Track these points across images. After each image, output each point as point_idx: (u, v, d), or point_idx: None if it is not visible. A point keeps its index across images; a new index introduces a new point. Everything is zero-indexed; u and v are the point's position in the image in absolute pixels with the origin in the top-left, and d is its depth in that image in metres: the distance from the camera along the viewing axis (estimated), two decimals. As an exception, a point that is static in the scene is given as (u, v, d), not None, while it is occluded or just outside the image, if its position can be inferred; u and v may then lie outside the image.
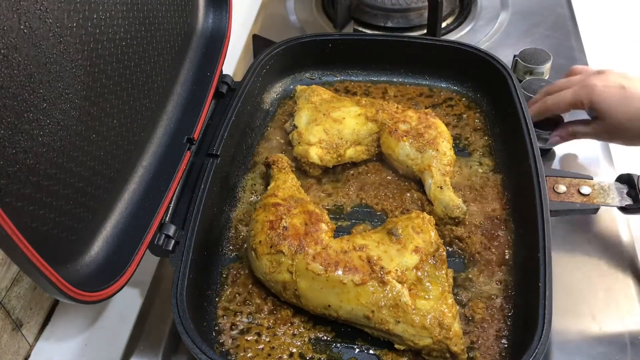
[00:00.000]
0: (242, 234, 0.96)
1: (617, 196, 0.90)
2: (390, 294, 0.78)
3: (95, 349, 0.91)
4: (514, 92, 1.02)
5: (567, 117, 1.06)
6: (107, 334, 0.92)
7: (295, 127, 1.04)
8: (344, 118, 1.03)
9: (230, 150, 1.02)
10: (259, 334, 0.83)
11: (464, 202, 0.95)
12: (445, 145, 0.98)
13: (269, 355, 0.81)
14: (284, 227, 0.85)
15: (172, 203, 0.89)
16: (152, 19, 0.90)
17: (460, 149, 1.06)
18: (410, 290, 0.79)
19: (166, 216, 0.88)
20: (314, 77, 1.21)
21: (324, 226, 0.86)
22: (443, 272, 0.82)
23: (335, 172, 1.04)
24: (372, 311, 0.78)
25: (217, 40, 1.08)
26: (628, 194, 0.90)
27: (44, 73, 0.68)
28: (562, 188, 0.90)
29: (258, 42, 1.30)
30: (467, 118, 1.11)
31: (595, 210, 0.90)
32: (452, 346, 0.76)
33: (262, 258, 0.84)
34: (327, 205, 0.99)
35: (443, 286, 0.80)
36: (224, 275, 0.90)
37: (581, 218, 0.93)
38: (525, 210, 0.89)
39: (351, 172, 1.04)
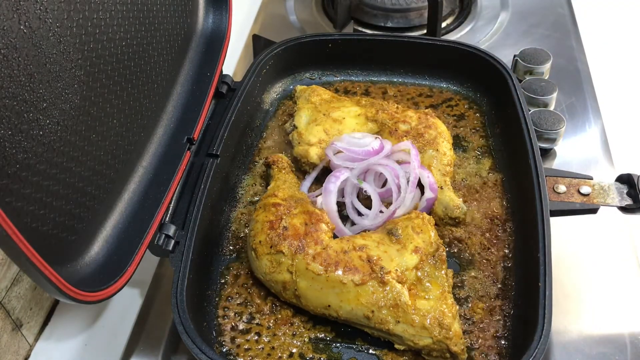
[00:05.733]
0: (242, 234, 0.96)
1: (617, 196, 0.90)
2: (390, 294, 0.78)
3: (95, 349, 0.91)
4: (514, 92, 1.02)
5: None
6: (107, 334, 0.92)
7: (295, 127, 1.04)
8: (344, 118, 1.03)
9: (230, 150, 1.02)
10: (259, 334, 0.83)
11: (464, 202, 0.95)
12: (445, 146, 0.98)
13: (269, 355, 0.81)
14: (284, 227, 0.85)
15: (172, 203, 0.89)
16: (152, 19, 0.90)
17: (460, 149, 1.06)
18: (410, 290, 0.79)
19: (166, 216, 0.88)
20: (314, 77, 1.21)
21: (324, 226, 0.86)
22: (443, 272, 0.82)
23: (335, 172, 1.03)
24: (372, 311, 0.78)
25: (217, 40, 1.08)
26: (628, 194, 0.90)
27: (44, 73, 0.68)
28: (562, 188, 0.90)
29: (258, 42, 1.30)
30: (467, 118, 1.11)
31: (595, 210, 0.90)
32: (452, 346, 0.76)
33: (262, 258, 0.84)
34: (327, 205, 0.99)
35: (443, 286, 0.80)
36: (224, 276, 0.90)
37: (581, 218, 0.93)
38: (525, 210, 0.89)
39: (351, 172, 1.03)
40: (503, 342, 0.81)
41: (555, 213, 0.88)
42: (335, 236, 0.88)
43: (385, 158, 0.95)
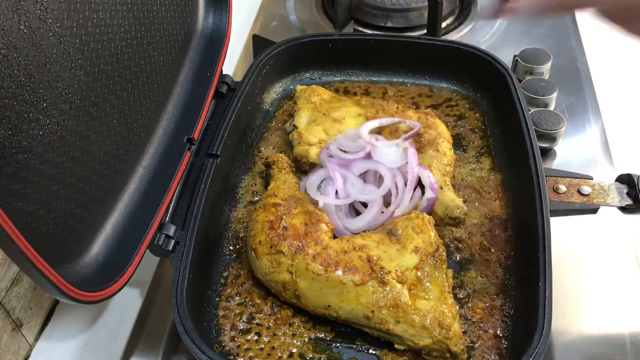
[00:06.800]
0: (242, 234, 0.96)
1: (617, 196, 0.90)
2: (390, 294, 0.78)
3: (95, 349, 0.91)
4: (514, 92, 1.02)
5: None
6: (107, 334, 0.92)
7: (295, 127, 1.04)
8: (344, 118, 1.03)
9: (230, 150, 1.02)
10: (259, 334, 0.83)
11: (464, 202, 0.95)
12: (445, 146, 0.98)
13: (269, 355, 0.81)
14: (284, 227, 0.85)
15: (172, 203, 0.89)
16: (152, 19, 0.90)
17: (460, 149, 1.06)
18: (410, 290, 0.79)
19: (166, 216, 0.88)
20: (314, 77, 1.21)
21: (324, 226, 0.86)
22: (443, 272, 0.82)
23: (335, 172, 1.03)
24: (372, 311, 0.78)
25: (217, 40, 1.08)
26: (628, 194, 0.90)
27: (44, 73, 0.68)
28: (562, 188, 0.90)
29: (258, 42, 1.30)
30: (467, 118, 1.11)
31: (595, 210, 0.90)
32: (452, 346, 0.76)
33: (262, 258, 0.84)
34: (327, 205, 0.99)
35: (443, 286, 0.80)
36: (224, 275, 0.90)
37: (581, 218, 0.93)
38: (525, 210, 0.89)
39: (351, 172, 1.03)
40: (503, 342, 0.81)
41: (555, 213, 0.88)
42: (335, 236, 0.88)
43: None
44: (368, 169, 0.94)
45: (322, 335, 0.84)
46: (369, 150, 0.95)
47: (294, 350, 0.82)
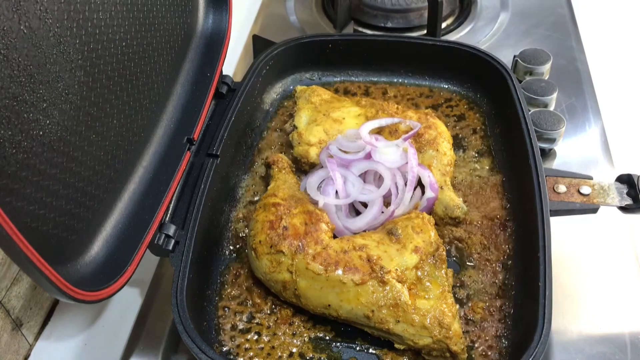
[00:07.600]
0: (242, 234, 0.96)
1: (617, 196, 0.90)
2: (390, 294, 0.78)
3: (95, 349, 0.91)
4: (514, 92, 1.02)
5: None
6: (107, 334, 0.92)
7: (295, 127, 1.04)
8: (344, 118, 1.03)
9: (230, 150, 1.02)
10: (259, 334, 0.83)
11: (464, 202, 0.95)
12: (445, 146, 0.98)
13: (269, 354, 0.81)
14: (284, 227, 0.85)
15: (172, 203, 0.89)
16: (152, 19, 0.90)
17: (460, 149, 1.06)
18: (410, 290, 0.79)
19: (166, 216, 0.88)
20: (314, 78, 1.21)
21: (323, 226, 0.86)
22: (443, 271, 0.82)
23: (335, 172, 1.03)
24: (372, 311, 0.78)
25: (217, 41, 1.08)
26: (628, 194, 0.90)
27: (44, 73, 0.68)
28: (562, 188, 0.90)
29: (258, 42, 1.30)
30: (467, 118, 1.11)
31: (595, 210, 0.90)
32: (452, 345, 0.76)
33: (262, 258, 0.84)
34: (327, 205, 0.99)
35: (443, 286, 0.80)
36: (224, 275, 0.90)
37: (581, 218, 0.93)
38: (525, 210, 0.89)
39: (351, 172, 1.03)
40: (503, 342, 0.81)
41: (555, 213, 0.88)
42: (335, 236, 0.88)
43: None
44: (368, 169, 0.94)
45: (322, 334, 0.84)
46: (368, 150, 0.95)
47: (294, 350, 0.82)
